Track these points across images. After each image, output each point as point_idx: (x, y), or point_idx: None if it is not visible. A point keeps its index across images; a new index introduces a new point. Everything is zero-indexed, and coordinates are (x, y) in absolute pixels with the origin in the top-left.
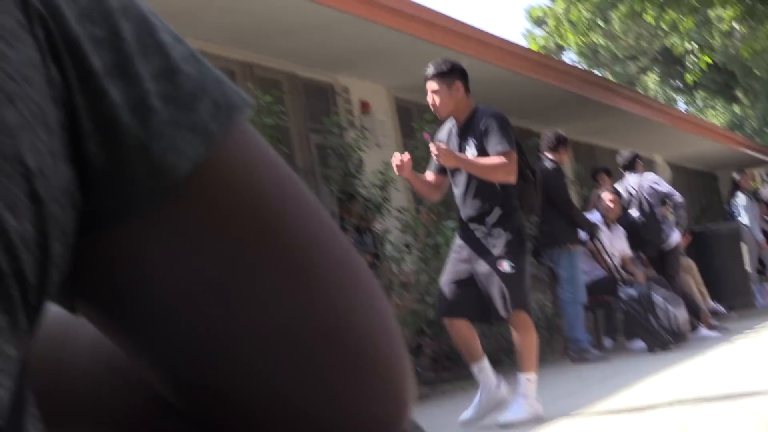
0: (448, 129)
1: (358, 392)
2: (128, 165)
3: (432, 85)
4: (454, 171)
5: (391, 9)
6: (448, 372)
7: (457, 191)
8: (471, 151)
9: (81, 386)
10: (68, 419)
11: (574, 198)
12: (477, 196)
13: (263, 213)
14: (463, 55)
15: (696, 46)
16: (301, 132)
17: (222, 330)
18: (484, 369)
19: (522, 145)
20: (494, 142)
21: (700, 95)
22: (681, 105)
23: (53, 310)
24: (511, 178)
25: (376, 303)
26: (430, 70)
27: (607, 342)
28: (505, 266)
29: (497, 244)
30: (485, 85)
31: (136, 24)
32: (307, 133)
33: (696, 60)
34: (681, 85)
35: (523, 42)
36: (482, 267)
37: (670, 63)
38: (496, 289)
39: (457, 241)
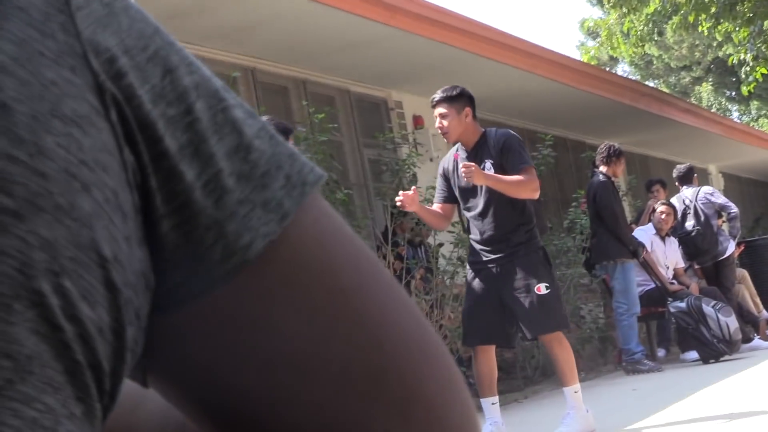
0: (452, 154)
1: None
2: (202, 245)
3: (440, 110)
4: (468, 195)
5: (444, 24)
6: (500, 383)
7: (473, 214)
8: (489, 173)
9: None
10: None
11: (627, 210)
12: (499, 217)
13: (336, 288)
14: (515, 68)
15: (751, 56)
16: (355, 147)
17: (294, 403)
18: (497, 404)
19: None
20: (516, 161)
21: (754, 105)
22: (735, 114)
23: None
24: (536, 194)
25: (449, 375)
26: (438, 95)
27: (661, 353)
28: (543, 289)
29: (527, 265)
30: (539, 97)
31: (209, 101)
32: (360, 149)
33: (750, 71)
34: (735, 95)
35: (576, 54)
36: (511, 289)
37: (724, 73)
38: (527, 311)
39: (474, 266)
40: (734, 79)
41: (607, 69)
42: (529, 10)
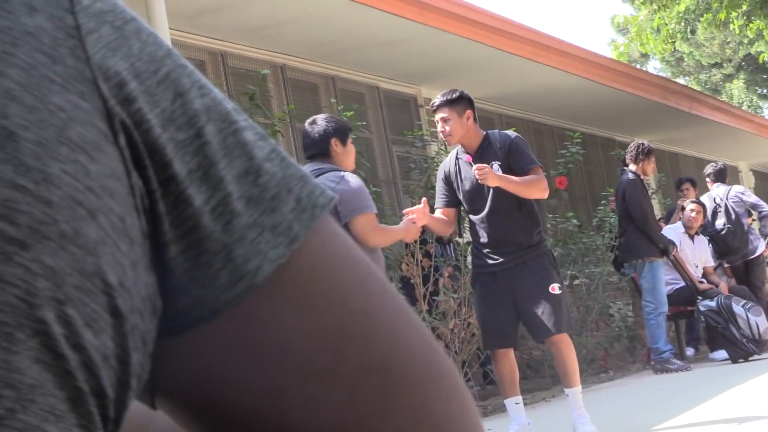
0: (453, 158)
1: None
2: (210, 270)
3: (442, 114)
4: (474, 198)
5: (474, 21)
6: (528, 381)
7: (479, 217)
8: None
9: None
10: None
11: (657, 208)
12: (507, 219)
13: (346, 311)
14: (545, 66)
15: None
16: (383, 144)
17: (302, 428)
18: (520, 404)
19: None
20: (525, 161)
21: None
22: (767, 112)
23: None
24: (546, 194)
25: (457, 396)
26: (439, 99)
27: (690, 352)
28: (556, 288)
29: (540, 267)
30: (568, 95)
31: (220, 124)
32: (389, 146)
33: None
34: (766, 92)
35: (607, 50)
36: (525, 291)
37: (756, 70)
38: (542, 312)
39: (481, 269)
40: (766, 77)
41: (638, 66)
42: (560, 7)
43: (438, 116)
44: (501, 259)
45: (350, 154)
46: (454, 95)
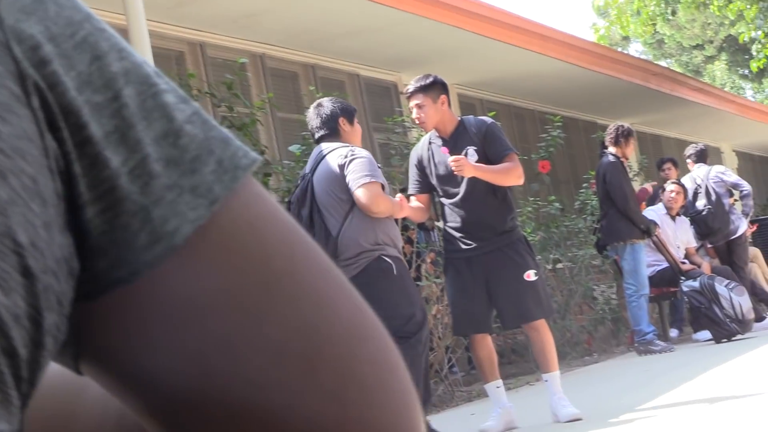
0: (425, 143)
1: None
2: (128, 231)
3: (416, 101)
4: (447, 182)
5: (453, 7)
6: (512, 366)
7: (452, 201)
8: (473, 159)
9: None
10: None
11: (638, 190)
12: (480, 204)
13: (269, 272)
14: (525, 50)
15: (762, 33)
16: (364, 131)
17: (227, 389)
18: (501, 388)
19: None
20: (501, 148)
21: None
22: (749, 93)
23: None
24: (521, 180)
25: (386, 357)
26: (413, 85)
27: (673, 333)
28: (532, 275)
29: (514, 254)
30: (549, 79)
31: (139, 87)
32: (369, 133)
33: (761, 48)
34: (748, 73)
35: (590, 34)
36: (499, 278)
37: (737, 51)
38: (516, 299)
39: (453, 254)
40: (747, 57)
41: (620, 49)
42: None
43: (412, 103)
44: (474, 244)
45: (357, 132)
46: (428, 81)
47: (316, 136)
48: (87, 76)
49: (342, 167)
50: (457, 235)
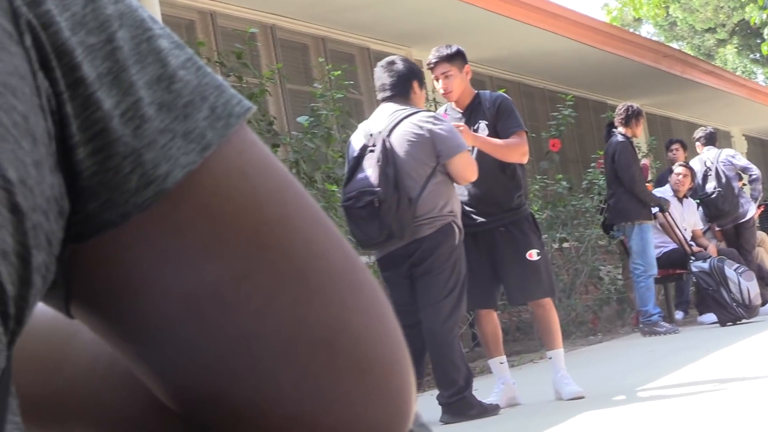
0: (440, 114)
1: (354, 397)
2: (119, 173)
3: (442, 69)
4: None
5: None
6: (517, 344)
7: None
8: (483, 134)
9: (83, 385)
10: (68, 416)
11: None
12: (489, 179)
13: (260, 219)
14: (536, 28)
15: None
16: (374, 105)
17: (217, 335)
18: (504, 364)
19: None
20: (510, 124)
21: None
22: (760, 77)
23: None
24: (525, 159)
25: (377, 308)
26: (437, 53)
27: (679, 315)
28: (534, 255)
29: (518, 232)
30: (560, 58)
31: (133, 31)
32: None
33: None
34: (759, 57)
35: (601, 15)
36: (503, 255)
37: (749, 35)
38: (518, 277)
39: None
40: (759, 42)
41: (631, 30)
42: None
43: (438, 71)
44: (479, 219)
45: (422, 98)
46: (452, 50)
47: (385, 95)
48: (81, 17)
49: (431, 132)
50: (465, 209)
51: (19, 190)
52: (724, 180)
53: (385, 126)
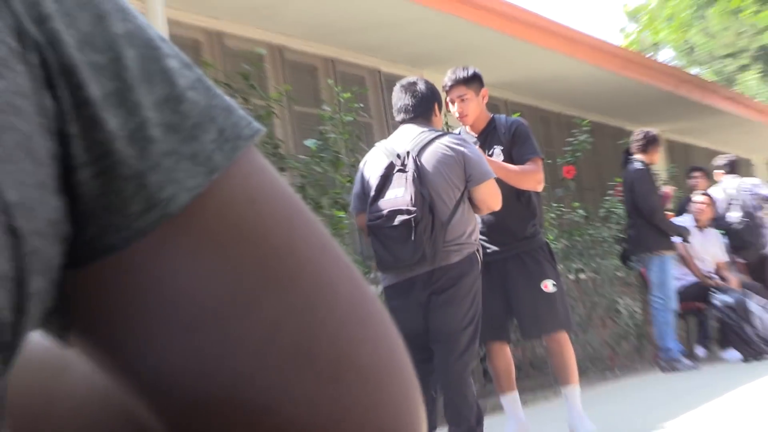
0: None
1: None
2: (123, 196)
3: (458, 92)
4: None
5: (480, 5)
6: (531, 380)
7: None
8: (498, 159)
9: (77, 416)
10: None
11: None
12: (503, 209)
13: (267, 247)
14: (552, 52)
15: None
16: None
17: (218, 365)
18: (517, 400)
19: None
20: (526, 150)
21: None
22: None
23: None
24: (540, 186)
25: (387, 342)
26: (454, 76)
27: (700, 351)
28: (549, 286)
29: (533, 262)
30: (575, 82)
31: (141, 50)
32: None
33: None
34: None
35: (619, 38)
36: (517, 285)
37: None
38: (532, 309)
39: None
40: None
41: (650, 55)
42: None
43: (454, 95)
44: (493, 248)
45: (441, 120)
46: (469, 72)
47: (405, 116)
48: (88, 35)
49: (463, 156)
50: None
51: (18, 213)
52: (747, 210)
53: (413, 146)
